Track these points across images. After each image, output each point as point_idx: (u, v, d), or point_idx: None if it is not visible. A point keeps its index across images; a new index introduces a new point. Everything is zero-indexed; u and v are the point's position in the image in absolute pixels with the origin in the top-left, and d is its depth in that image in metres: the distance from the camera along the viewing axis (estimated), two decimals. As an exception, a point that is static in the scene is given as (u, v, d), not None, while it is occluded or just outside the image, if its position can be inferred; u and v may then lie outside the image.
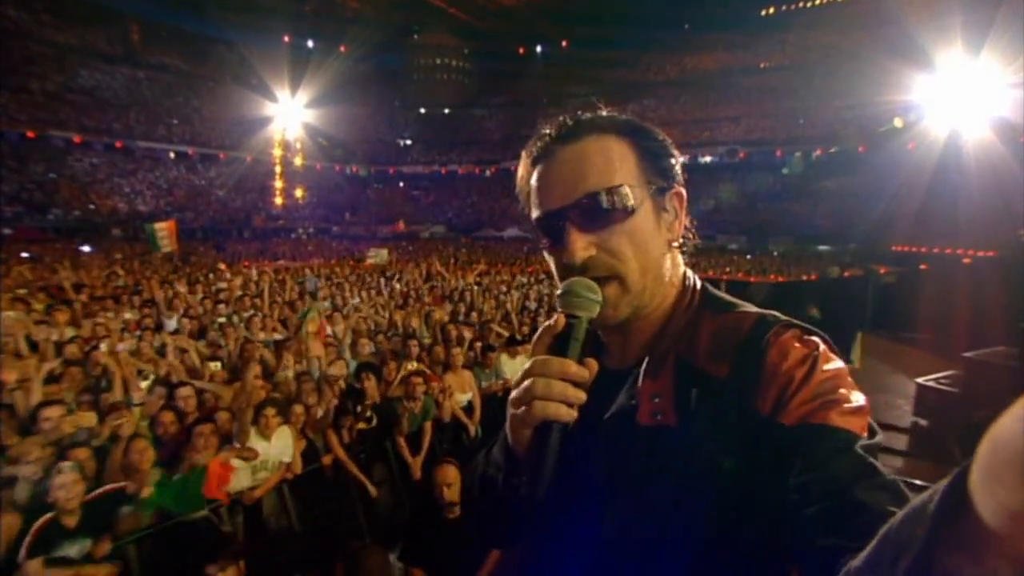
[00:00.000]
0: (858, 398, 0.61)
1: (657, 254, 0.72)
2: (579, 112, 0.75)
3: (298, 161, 43.33)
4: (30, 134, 34.57)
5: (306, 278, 10.51)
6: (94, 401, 4.02)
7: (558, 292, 0.69)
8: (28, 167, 33.26)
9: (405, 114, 55.16)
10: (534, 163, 0.75)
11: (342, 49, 48.01)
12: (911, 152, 27.08)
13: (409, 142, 53.89)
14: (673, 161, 0.75)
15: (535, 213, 0.74)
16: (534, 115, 50.77)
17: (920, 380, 5.73)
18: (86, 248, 22.46)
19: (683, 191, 0.76)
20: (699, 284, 0.79)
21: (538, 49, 53.93)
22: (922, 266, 15.18)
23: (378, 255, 15.13)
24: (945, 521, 0.31)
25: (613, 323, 0.72)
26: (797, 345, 0.65)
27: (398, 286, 8.81)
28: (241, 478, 3.38)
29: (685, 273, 0.79)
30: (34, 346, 5.09)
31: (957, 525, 0.30)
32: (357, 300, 7.49)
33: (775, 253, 27.45)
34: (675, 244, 0.76)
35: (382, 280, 9.91)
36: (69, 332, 5.98)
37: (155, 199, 36.95)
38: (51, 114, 36.08)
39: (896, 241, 21.09)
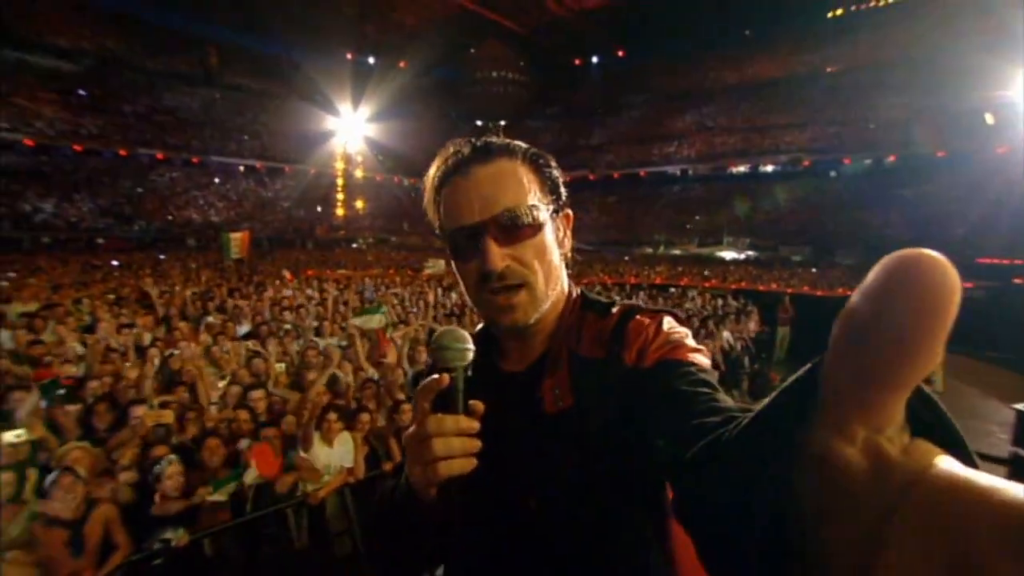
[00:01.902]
0: (699, 345, 0.76)
1: (556, 265, 0.81)
2: (488, 136, 0.83)
3: (359, 173, 44.98)
4: (122, 152, 37.63)
5: (364, 287, 10.80)
6: (173, 400, 4.26)
7: (430, 347, 0.70)
8: (119, 182, 36.15)
9: (461, 126, 56.25)
10: (445, 177, 0.81)
11: (402, 65, 49.67)
12: (1001, 156, 25.05)
13: (465, 154, 54.77)
14: (563, 188, 0.84)
15: (450, 225, 0.79)
16: (589, 125, 50.67)
17: (1020, 406, 5.22)
18: (163, 256, 23.99)
19: (571, 213, 0.87)
20: (577, 291, 0.90)
21: (594, 59, 53.85)
22: (1016, 280, 13.93)
23: (435, 265, 15.36)
24: (808, 392, 0.35)
25: (522, 326, 0.79)
26: (648, 318, 0.80)
27: (455, 296, 8.90)
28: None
29: (569, 283, 0.88)
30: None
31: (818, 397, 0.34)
32: (415, 309, 7.61)
33: (843, 265, 26.02)
34: (566, 257, 0.86)
35: (439, 290, 10.04)
36: (150, 336, 6.38)
37: (226, 210, 39.18)
38: (139, 134, 39.13)
39: (984, 253, 19.52)
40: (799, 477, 0.33)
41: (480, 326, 0.95)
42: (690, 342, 0.76)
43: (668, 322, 0.80)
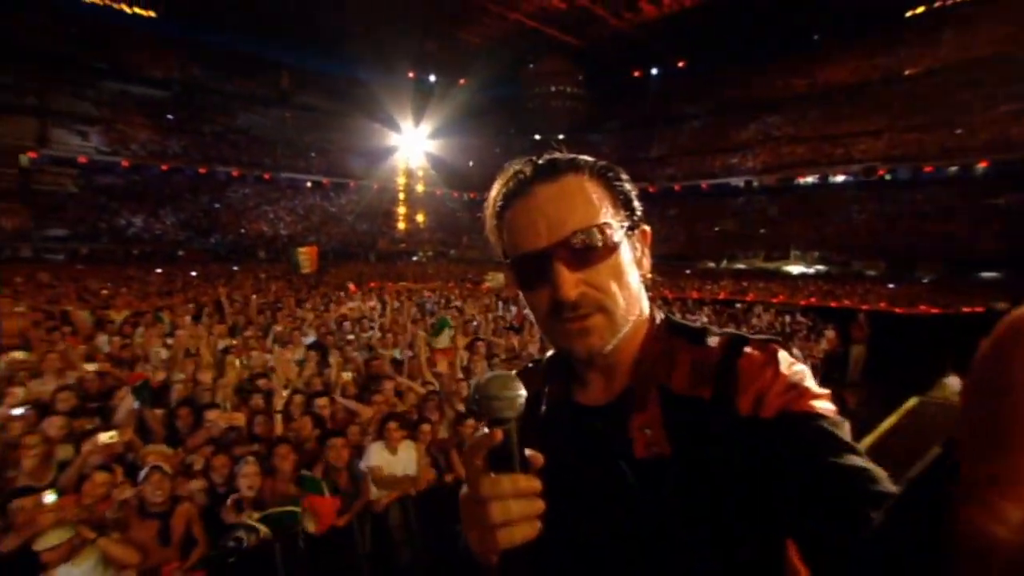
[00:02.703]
0: (822, 389, 0.69)
1: (635, 288, 0.74)
2: (551, 152, 0.77)
3: (420, 188, 46.30)
4: (201, 170, 40.55)
5: (424, 300, 11.02)
6: (244, 403, 4.47)
7: (472, 397, 0.61)
8: (198, 198, 38.89)
9: (520, 141, 56.81)
10: (507, 201, 0.75)
11: (461, 82, 50.94)
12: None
13: (524, 168, 55.13)
14: (636, 201, 0.77)
15: (515, 252, 0.74)
16: (649, 137, 49.94)
17: None
18: (236, 268, 25.42)
19: (648, 230, 0.79)
20: (660, 315, 0.81)
21: (653, 71, 53.23)
22: None
23: (495, 278, 15.50)
24: (949, 475, 0.33)
25: (599, 353, 0.72)
26: (760, 353, 0.71)
27: (514, 309, 8.93)
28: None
29: (651, 307, 0.80)
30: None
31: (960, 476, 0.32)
32: (476, 323, 7.68)
33: (924, 280, 24.21)
34: (646, 278, 0.78)
35: (499, 303, 10.11)
36: (224, 343, 6.75)
37: (294, 224, 41.21)
38: (217, 152, 42.08)
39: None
40: (948, 564, 0.32)
41: (551, 353, 0.87)
42: (812, 384, 0.68)
43: (784, 359, 0.71)
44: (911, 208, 32.49)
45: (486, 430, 0.60)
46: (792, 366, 0.70)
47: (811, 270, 30.49)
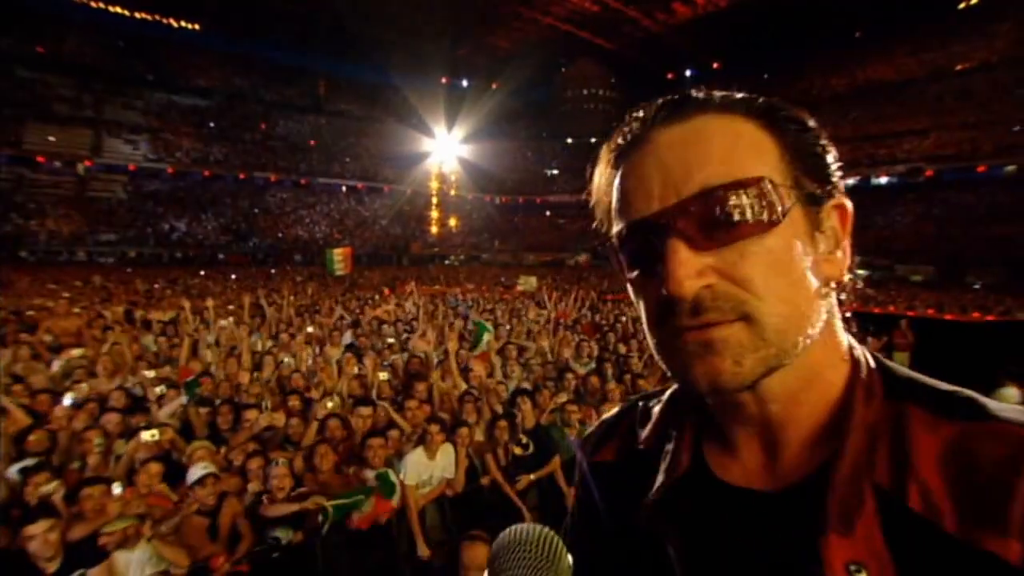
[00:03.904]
0: None
1: (811, 292, 0.46)
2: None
3: (452, 192, 46.83)
4: (241, 175, 41.90)
5: (457, 302, 11.11)
6: (283, 404, 4.60)
7: (490, 567, 0.49)
8: (237, 203, 40.20)
9: (552, 145, 56.83)
10: (619, 159, 0.52)
11: (494, 86, 51.34)
12: None
13: (556, 172, 55.04)
14: (831, 160, 0.49)
15: (618, 226, 0.50)
16: (680, 140, 49.37)
17: None
18: (273, 271, 26.13)
19: (848, 204, 0.49)
20: (870, 358, 0.51)
21: (687, 73, 52.57)
22: None
23: (527, 282, 15.54)
24: None
25: (732, 388, 0.45)
26: None
27: (545, 312, 8.93)
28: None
29: (850, 342, 0.52)
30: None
31: None
32: (508, 327, 7.70)
33: (976, 286, 23.10)
34: (835, 284, 0.49)
35: (532, 307, 10.12)
36: (264, 344, 6.94)
37: (329, 228, 42.14)
38: (255, 158, 43.44)
39: None
40: None
41: (673, 388, 0.60)
42: None
43: None
44: (961, 210, 31.06)
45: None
46: None
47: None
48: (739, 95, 0.51)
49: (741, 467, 0.52)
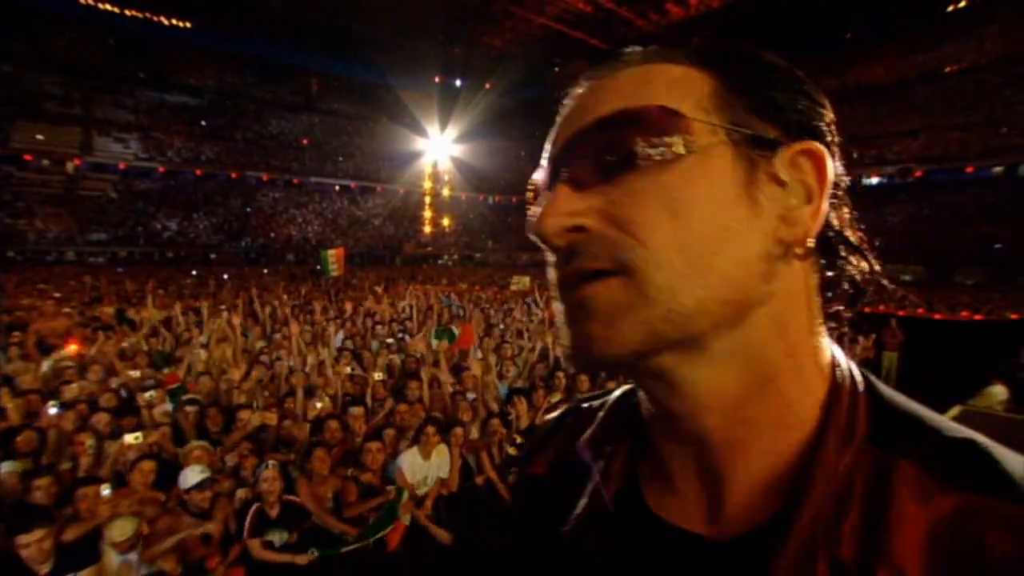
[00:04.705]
0: None
1: (743, 252, 0.36)
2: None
3: (446, 192, 46.80)
4: (233, 175, 41.64)
5: (451, 301, 11.10)
6: (278, 404, 4.57)
7: None
8: (229, 202, 39.92)
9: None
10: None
11: (488, 86, 51.33)
12: None
13: (550, 172, 55.27)
14: (805, 102, 0.39)
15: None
16: (673, 139, 49.59)
17: None
18: (266, 271, 25.97)
19: (821, 150, 0.38)
20: (861, 379, 0.40)
21: (679, 72, 52.91)
22: None
23: (520, 282, 15.54)
24: None
25: (604, 361, 0.37)
26: None
27: (539, 312, 8.94)
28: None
29: (835, 353, 0.41)
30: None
31: None
32: (502, 326, 7.71)
33: (968, 283, 23.34)
34: (801, 250, 0.37)
35: (525, 306, 10.12)
36: (259, 344, 6.91)
37: (322, 227, 41.96)
38: (248, 157, 43.17)
39: None
40: None
41: (618, 394, 0.51)
42: None
43: None
44: (951, 210, 31.43)
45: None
46: None
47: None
48: (704, 45, 0.42)
49: (679, 501, 0.41)
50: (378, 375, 5.05)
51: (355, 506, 3.28)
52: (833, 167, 0.38)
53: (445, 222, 46.63)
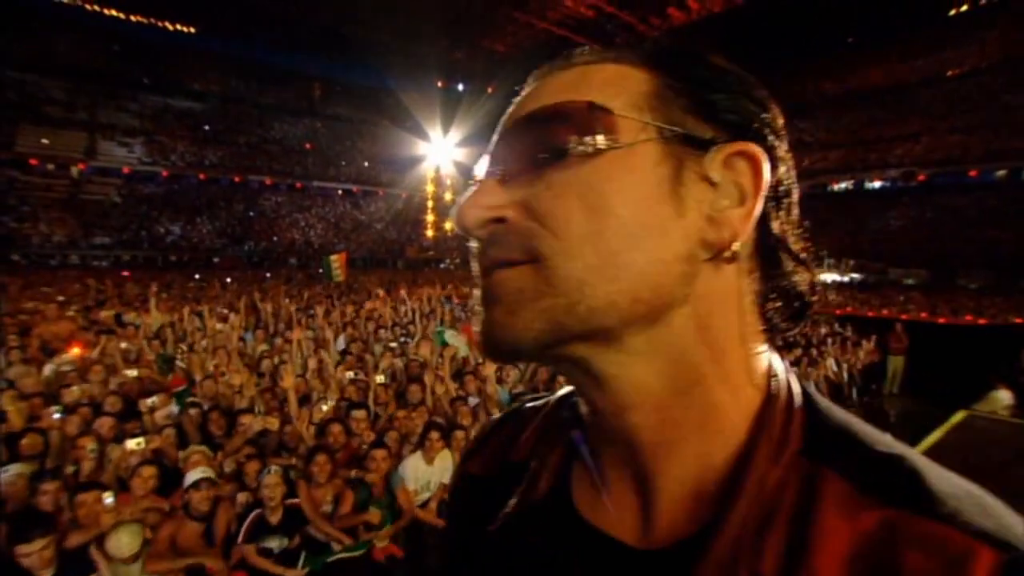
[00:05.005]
0: None
1: (661, 251, 0.35)
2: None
3: (448, 196, 46.82)
4: (236, 179, 41.78)
5: (453, 304, 11.11)
6: (278, 408, 4.57)
7: None
8: (232, 206, 40.04)
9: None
10: None
11: (490, 90, 51.47)
12: None
13: (550, 175, 55.41)
14: (752, 106, 0.38)
15: None
16: (674, 143, 49.68)
17: None
18: (268, 274, 26.02)
19: (757, 152, 0.36)
20: (799, 392, 0.39)
21: (680, 76, 52.98)
22: None
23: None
24: None
25: (504, 348, 0.37)
26: None
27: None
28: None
29: (772, 363, 0.40)
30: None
31: None
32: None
33: (972, 287, 23.26)
34: (728, 253, 0.36)
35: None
36: (261, 347, 6.92)
37: (324, 232, 42.03)
38: (251, 162, 43.33)
39: None
40: None
41: (560, 394, 0.50)
42: None
43: None
44: (954, 214, 31.35)
45: None
46: None
47: (845, 279, 29.69)
48: (654, 46, 0.42)
49: (608, 507, 0.41)
50: (380, 378, 5.05)
51: (345, 518, 3.26)
52: (771, 171, 0.37)
53: (447, 226, 46.66)
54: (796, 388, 0.39)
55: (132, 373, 5.04)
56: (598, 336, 0.36)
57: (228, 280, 20.52)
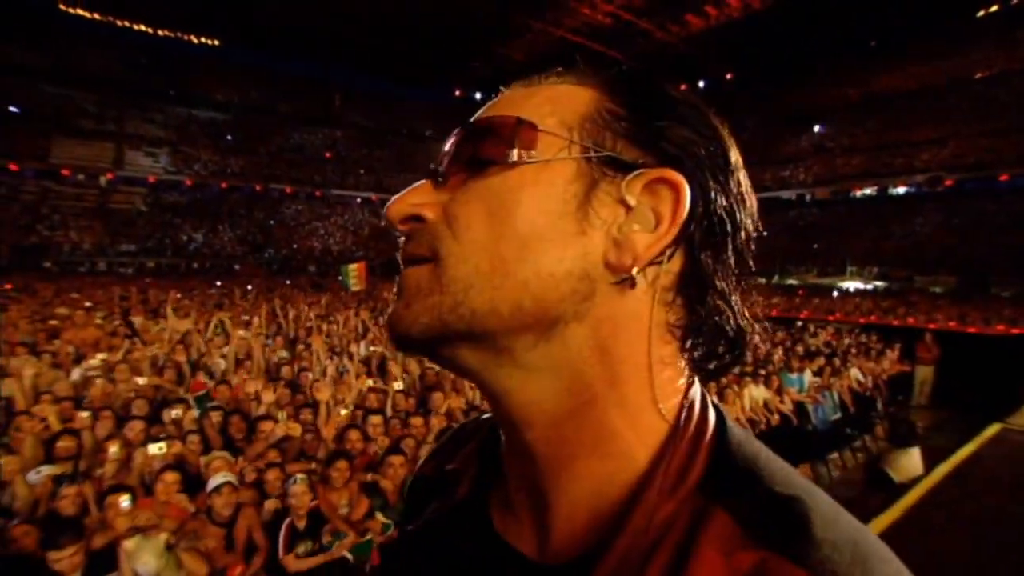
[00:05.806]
0: None
1: (557, 264, 0.36)
2: None
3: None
4: (258, 187, 42.56)
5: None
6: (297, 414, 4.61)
7: None
8: (253, 214, 40.78)
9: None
10: None
11: (505, 98, 51.90)
12: None
13: (563, 182, 55.43)
14: (687, 132, 0.39)
15: None
16: (692, 150, 49.31)
17: None
18: (288, 282, 26.35)
19: (679, 180, 0.37)
20: (712, 426, 0.39)
21: (700, 83, 52.55)
22: None
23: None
24: None
25: (398, 339, 0.40)
26: None
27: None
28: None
29: (689, 389, 0.40)
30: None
31: None
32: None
33: (1004, 295, 22.59)
34: (628, 276, 0.36)
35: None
36: (281, 354, 7.00)
37: (343, 239, 42.53)
38: (272, 171, 44.11)
39: None
40: None
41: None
42: None
43: None
44: (984, 219, 30.54)
45: None
46: None
47: (869, 286, 29.07)
48: (616, 69, 0.42)
49: (515, 519, 0.42)
50: (398, 385, 5.07)
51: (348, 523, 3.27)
52: (704, 202, 0.38)
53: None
54: (710, 421, 0.39)
55: (141, 380, 5.10)
56: (484, 341, 0.37)
57: (248, 287, 20.84)
